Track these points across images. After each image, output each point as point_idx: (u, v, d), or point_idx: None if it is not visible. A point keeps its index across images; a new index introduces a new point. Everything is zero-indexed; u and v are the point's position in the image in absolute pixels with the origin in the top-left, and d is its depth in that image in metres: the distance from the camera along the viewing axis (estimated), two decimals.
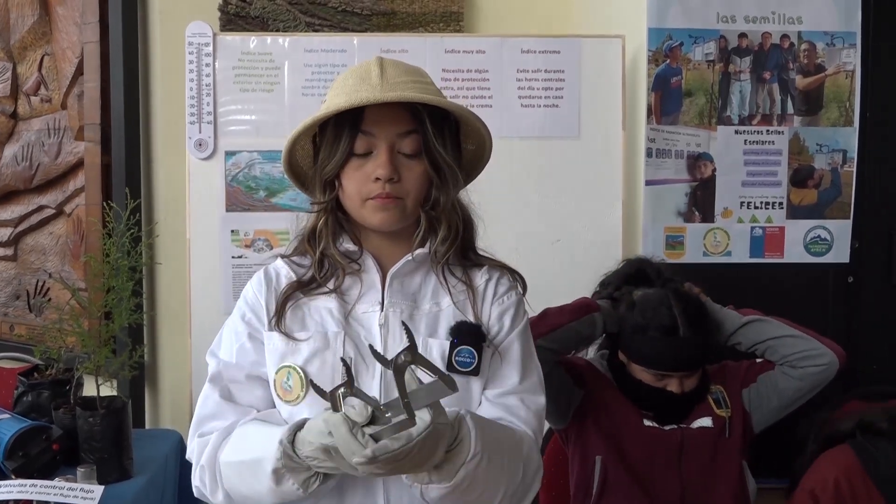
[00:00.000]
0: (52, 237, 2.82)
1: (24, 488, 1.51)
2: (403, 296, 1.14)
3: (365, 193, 1.09)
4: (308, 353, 1.11)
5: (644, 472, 1.72)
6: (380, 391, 1.10)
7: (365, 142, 1.08)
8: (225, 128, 2.27)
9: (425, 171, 1.10)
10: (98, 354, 1.73)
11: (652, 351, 1.72)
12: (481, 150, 1.20)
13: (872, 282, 2.42)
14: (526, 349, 1.18)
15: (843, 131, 2.35)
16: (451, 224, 1.14)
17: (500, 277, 1.20)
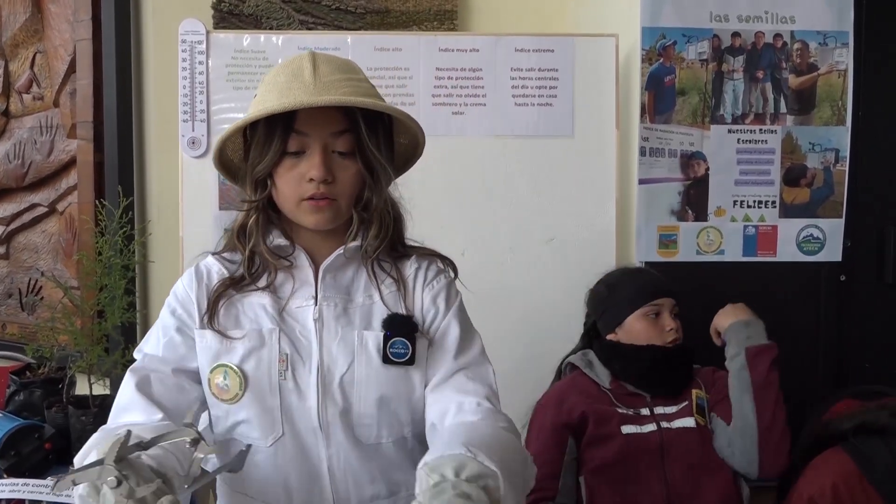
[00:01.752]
0: (45, 235, 2.80)
1: (17, 487, 1.50)
2: (336, 289, 1.15)
3: (299, 193, 1.09)
4: (244, 352, 1.11)
5: (628, 478, 1.72)
6: (317, 386, 1.12)
7: (298, 141, 1.08)
8: (218, 126, 2.26)
9: (359, 170, 1.11)
10: (91, 353, 1.73)
11: (634, 289, 1.87)
12: (414, 143, 1.20)
13: (864, 280, 2.44)
14: (464, 325, 1.20)
15: (835, 130, 2.36)
16: (383, 222, 1.15)
17: (430, 265, 1.22)
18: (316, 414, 1.12)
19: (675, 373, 1.84)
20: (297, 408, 1.12)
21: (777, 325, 2.41)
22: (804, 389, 2.35)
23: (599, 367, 1.85)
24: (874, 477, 1.54)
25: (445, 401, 1.14)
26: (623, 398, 1.79)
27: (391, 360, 1.13)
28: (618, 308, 1.88)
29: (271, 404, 1.12)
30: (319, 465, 1.13)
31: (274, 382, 1.12)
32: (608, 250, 2.31)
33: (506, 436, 1.06)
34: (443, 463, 0.94)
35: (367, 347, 1.13)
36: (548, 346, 2.07)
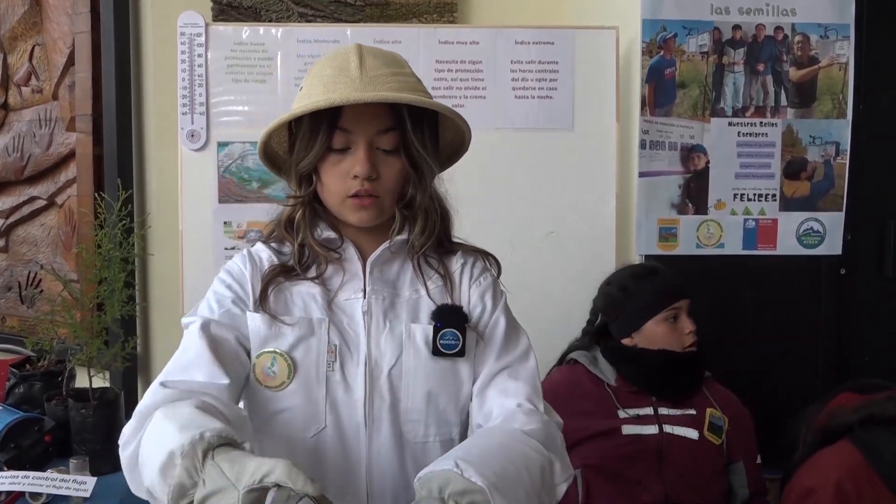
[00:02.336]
0: (44, 228, 2.80)
1: (17, 480, 1.51)
2: (384, 283, 1.14)
3: (344, 190, 1.08)
4: (293, 339, 1.10)
5: (626, 477, 1.72)
6: (364, 379, 1.10)
7: (343, 138, 1.07)
8: (217, 118, 2.26)
9: (403, 167, 1.09)
10: (90, 346, 1.73)
11: (655, 293, 1.84)
12: (459, 139, 1.19)
13: (864, 274, 2.43)
14: (510, 323, 1.19)
15: (836, 123, 2.35)
16: (429, 218, 1.14)
17: (475, 262, 1.20)
18: (362, 407, 1.11)
19: (686, 379, 1.83)
20: (342, 401, 1.10)
21: (777, 319, 2.41)
22: (804, 383, 2.36)
23: (605, 364, 1.84)
24: (882, 468, 1.51)
25: (489, 403, 1.13)
26: (626, 396, 1.79)
27: (441, 352, 1.11)
28: (636, 314, 1.85)
29: (317, 395, 1.10)
30: (358, 462, 1.11)
31: (322, 373, 1.10)
32: (608, 243, 2.31)
33: (517, 447, 1.03)
34: (431, 478, 0.93)
35: (415, 340, 1.12)
36: (547, 339, 2.06)
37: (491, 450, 1.01)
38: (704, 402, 1.81)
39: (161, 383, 1.04)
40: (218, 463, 0.80)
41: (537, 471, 1.01)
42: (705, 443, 1.75)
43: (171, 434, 0.86)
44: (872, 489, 1.51)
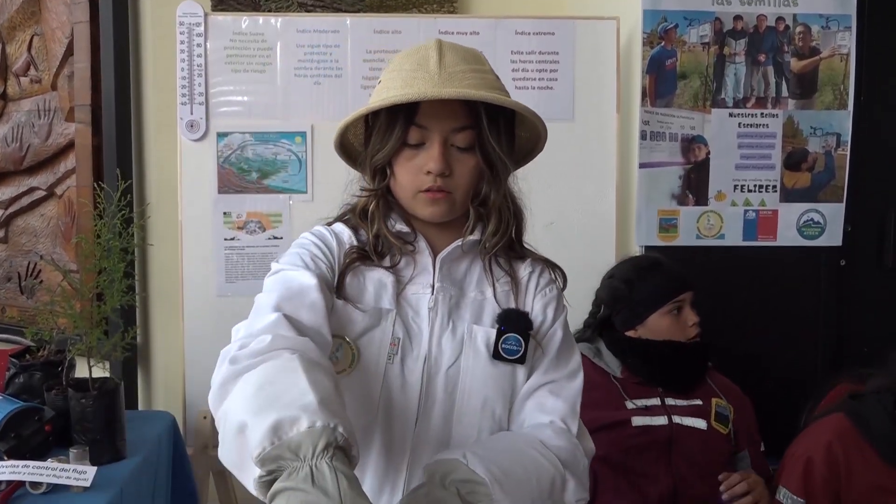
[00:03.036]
0: (44, 219, 2.80)
1: (17, 469, 1.50)
2: (452, 281, 1.13)
3: (417, 185, 1.07)
4: (362, 328, 1.08)
5: (634, 469, 1.72)
6: (422, 375, 1.09)
7: (418, 133, 1.06)
8: (217, 109, 2.26)
9: (478, 165, 1.08)
10: (90, 336, 1.73)
11: (659, 286, 1.84)
12: (535, 137, 1.16)
13: (864, 265, 2.43)
14: (566, 339, 1.18)
15: (837, 115, 2.35)
16: (503, 217, 1.12)
17: (542, 271, 1.19)
18: (416, 403, 1.09)
19: (691, 369, 1.83)
20: (397, 395, 1.09)
21: (777, 310, 2.41)
22: (803, 373, 2.36)
23: (609, 356, 1.84)
24: (869, 432, 1.62)
25: (524, 414, 1.12)
26: (633, 388, 1.79)
27: (502, 357, 1.10)
28: (640, 307, 1.85)
29: (373, 386, 1.08)
30: (401, 456, 1.09)
31: (381, 365, 1.08)
32: (608, 234, 2.31)
33: (530, 453, 1.03)
34: (437, 466, 0.94)
35: (476, 342, 1.11)
36: None
37: (503, 449, 1.02)
38: (709, 391, 1.82)
39: (276, 307, 0.98)
40: (337, 469, 0.74)
41: (547, 480, 1.01)
42: (713, 432, 1.76)
43: (306, 397, 0.79)
44: (860, 452, 1.62)
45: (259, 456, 0.75)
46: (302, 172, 2.27)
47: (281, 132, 2.27)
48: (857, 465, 1.63)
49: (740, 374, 1.99)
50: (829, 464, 1.63)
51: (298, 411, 0.76)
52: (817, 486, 1.64)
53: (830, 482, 1.63)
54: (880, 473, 1.62)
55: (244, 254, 2.27)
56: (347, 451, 0.78)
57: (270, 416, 0.76)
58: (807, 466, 1.65)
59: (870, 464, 1.62)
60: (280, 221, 2.27)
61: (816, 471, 1.64)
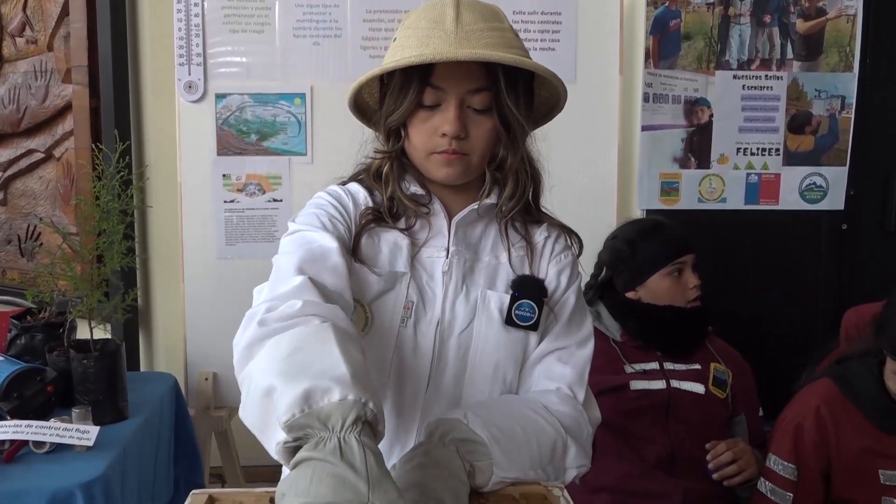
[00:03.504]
0: (42, 182, 2.78)
1: (20, 429, 1.52)
2: (466, 245, 1.12)
3: (431, 147, 1.05)
4: (377, 292, 1.07)
5: (633, 432, 1.73)
6: (434, 339, 1.08)
7: (433, 95, 1.03)
8: (215, 70, 2.23)
9: (494, 127, 1.05)
10: (90, 297, 1.73)
11: (661, 247, 1.84)
12: (555, 97, 1.13)
13: (866, 229, 2.43)
14: (578, 307, 1.16)
15: (842, 77, 2.32)
16: (519, 181, 1.09)
17: (558, 237, 1.17)
18: (428, 367, 1.08)
19: (691, 333, 1.83)
20: (409, 358, 1.08)
21: (778, 273, 2.42)
22: (803, 337, 2.37)
23: (609, 320, 1.84)
24: (855, 396, 1.66)
25: (532, 380, 1.12)
26: (632, 352, 1.79)
27: (515, 323, 1.09)
28: (641, 267, 1.85)
29: (386, 349, 1.07)
30: (412, 419, 1.09)
31: (394, 328, 1.07)
32: (609, 197, 2.30)
33: (532, 416, 1.03)
34: (438, 424, 0.94)
35: (489, 307, 1.09)
36: None
37: (504, 411, 1.02)
38: (708, 356, 1.82)
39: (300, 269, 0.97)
40: (365, 444, 0.72)
41: (548, 444, 1.01)
42: (711, 397, 1.77)
43: (339, 369, 0.78)
44: (848, 416, 1.65)
45: (287, 422, 0.74)
46: (301, 134, 2.25)
47: (280, 93, 2.24)
48: (846, 428, 1.65)
49: (740, 338, 2.00)
50: (819, 428, 1.65)
51: (331, 382, 0.75)
52: (808, 451, 1.65)
53: (820, 447, 1.65)
54: (868, 436, 1.64)
55: (244, 216, 2.26)
56: (374, 427, 0.77)
57: (302, 383, 0.75)
58: (797, 432, 1.67)
59: (857, 427, 1.65)
60: (280, 184, 2.26)
61: (806, 436, 1.65)
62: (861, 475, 1.63)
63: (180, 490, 1.95)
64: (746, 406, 1.85)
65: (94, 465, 1.48)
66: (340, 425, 0.73)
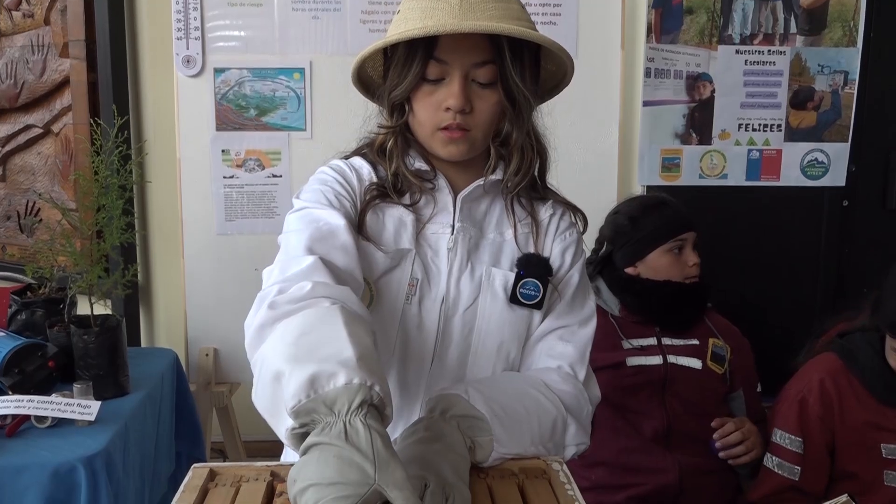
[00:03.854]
0: (41, 157, 2.77)
1: (22, 403, 1.52)
2: (472, 222, 1.11)
3: (435, 122, 1.04)
4: (382, 269, 1.06)
5: (630, 406, 1.74)
6: (439, 316, 1.08)
7: (438, 68, 1.01)
8: (213, 44, 2.21)
9: (499, 101, 1.03)
10: (90, 273, 1.73)
11: (662, 223, 1.83)
12: (562, 70, 1.11)
13: (867, 206, 2.43)
14: (581, 285, 1.16)
15: (845, 52, 2.30)
16: (525, 156, 1.08)
17: (563, 214, 1.16)
18: (432, 344, 1.08)
19: (690, 310, 1.83)
20: (413, 335, 1.08)
21: (778, 250, 2.41)
22: (803, 313, 2.37)
23: (608, 294, 1.84)
24: (858, 369, 1.67)
25: (533, 357, 1.12)
26: (630, 327, 1.79)
27: (519, 301, 1.08)
28: (641, 243, 1.84)
29: (390, 326, 1.06)
30: (416, 396, 1.09)
31: (399, 305, 1.06)
32: (610, 173, 2.29)
33: (532, 394, 1.02)
34: (438, 400, 0.94)
35: (494, 285, 1.09)
36: None
37: (505, 388, 1.02)
38: (707, 332, 1.82)
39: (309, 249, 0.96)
40: (371, 427, 0.72)
41: (548, 421, 1.01)
42: (708, 372, 1.77)
43: (345, 352, 0.77)
44: (851, 389, 1.67)
45: (294, 408, 0.74)
46: (301, 110, 2.24)
47: (279, 68, 2.23)
48: (849, 401, 1.66)
49: (740, 313, 2.00)
50: (823, 401, 1.66)
51: (336, 366, 0.75)
52: (813, 423, 1.66)
53: (825, 419, 1.66)
54: (871, 410, 1.65)
55: (243, 192, 2.25)
56: (381, 410, 0.76)
57: (308, 368, 0.75)
58: (801, 406, 1.67)
59: (861, 400, 1.65)
60: (279, 159, 2.25)
61: (811, 409, 1.66)
62: (863, 449, 1.64)
63: (182, 464, 1.97)
64: (745, 382, 1.86)
65: (96, 439, 1.49)
66: (346, 409, 0.72)
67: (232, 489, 0.85)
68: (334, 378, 0.74)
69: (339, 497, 0.67)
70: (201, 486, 0.85)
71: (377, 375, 0.76)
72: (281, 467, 0.89)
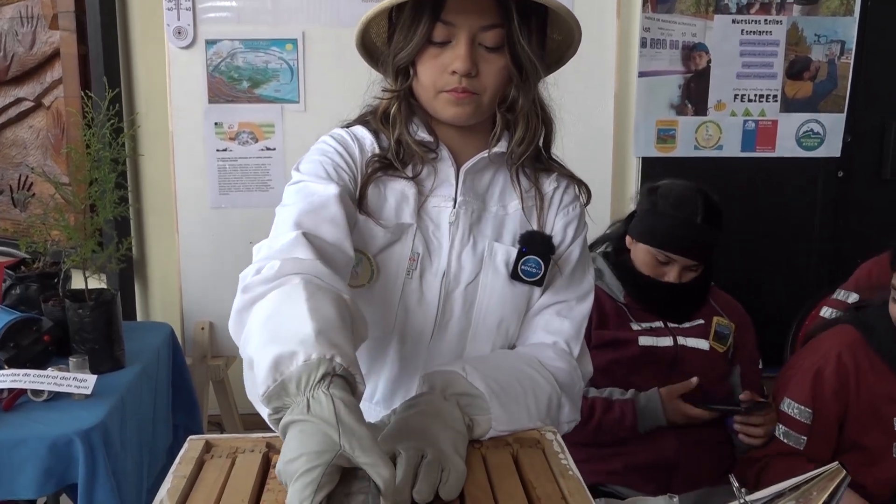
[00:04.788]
0: (32, 131, 2.75)
1: (18, 377, 1.52)
2: (475, 194, 1.09)
3: (440, 85, 1.02)
4: (382, 244, 1.06)
5: (633, 383, 1.73)
6: (440, 291, 1.07)
7: (444, 31, 0.99)
8: (204, 14, 2.19)
9: (506, 66, 1.01)
10: (84, 247, 1.72)
11: (663, 229, 1.71)
12: (569, 40, 1.09)
13: (862, 177, 2.43)
14: (582, 260, 1.15)
15: (842, 21, 2.29)
16: (530, 125, 1.06)
17: (567, 187, 1.15)
18: (433, 318, 1.07)
19: (689, 307, 1.79)
20: (414, 310, 1.07)
21: (773, 221, 2.42)
22: (798, 283, 2.38)
23: (612, 280, 1.80)
24: (877, 341, 1.63)
25: (529, 332, 1.12)
26: (637, 312, 1.77)
27: (521, 278, 1.07)
28: (642, 230, 1.77)
29: (391, 300, 1.06)
30: (414, 369, 1.09)
31: (400, 280, 1.06)
32: (606, 144, 2.28)
33: (528, 371, 1.02)
34: (435, 376, 0.94)
35: (495, 260, 1.08)
36: None
37: (502, 366, 1.02)
38: (711, 311, 1.81)
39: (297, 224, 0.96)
40: (333, 396, 0.72)
41: (544, 398, 1.01)
42: (712, 351, 1.77)
43: (304, 329, 0.77)
44: (869, 361, 1.63)
45: (264, 395, 0.75)
46: (294, 82, 2.22)
47: (271, 39, 2.20)
48: (866, 374, 1.63)
49: (735, 285, 2.01)
50: (839, 374, 1.63)
51: (296, 345, 0.75)
52: (826, 396, 1.64)
53: (839, 393, 1.63)
54: (887, 383, 1.63)
55: (237, 165, 2.24)
56: (350, 379, 0.76)
57: (272, 351, 0.76)
58: (816, 378, 1.65)
59: (878, 373, 1.63)
60: (273, 132, 2.24)
61: (826, 383, 1.64)
62: (876, 421, 1.63)
63: (179, 437, 1.98)
64: (747, 358, 1.85)
65: (93, 412, 1.50)
66: (308, 385, 0.73)
67: (228, 461, 0.85)
68: (294, 358, 0.74)
69: (308, 470, 0.68)
70: (197, 458, 0.85)
71: (337, 346, 0.76)
72: (276, 439, 0.89)
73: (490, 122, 1.08)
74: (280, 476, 0.71)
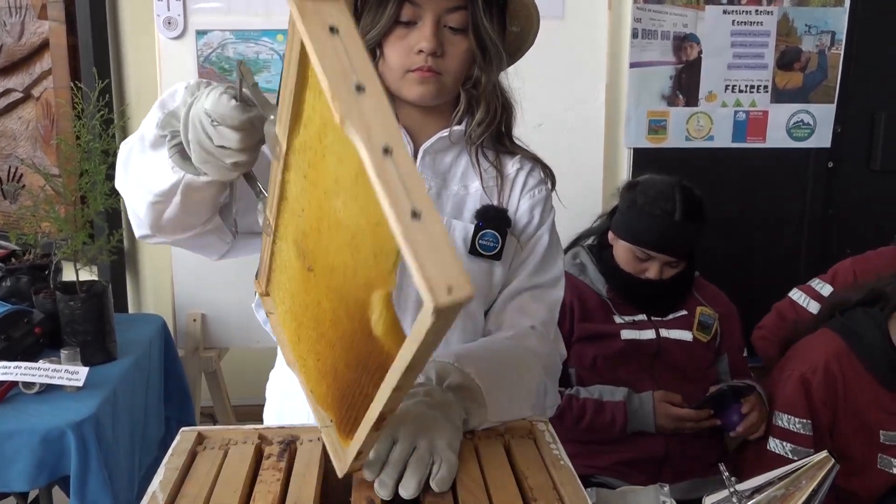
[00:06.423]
0: (22, 122, 2.73)
1: (9, 370, 1.52)
2: (434, 173, 1.11)
3: (406, 65, 1.04)
4: None
5: (619, 376, 1.74)
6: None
7: (411, 10, 1.03)
8: (194, 4, 2.17)
9: (470, 48, 1.05)
10: (75, 239, 1.71)
11: (642, 226, 1.72)
12: (526, 33, 1.13)
13: (852, 167, 2.44)
14: (552, 244, 1.17)
15: (833, 12, 2.29)
16: (490, 106, 1.09)
17: (532, 170, 1.16)
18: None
19: (671, 299, 1.80)
20: None
21: (763, 211, 2.43)
22: (788, 274, 2.39)
23: (595, 274, 1.81)
24: (862, 351, 1.63)
25: (506, 315, 1.13)
26: (619, 306, 1.78)
27: (479, 253, 1.09)
28: (623, 227, 1.77)
29: None
30: None
31: None
32: (597, 136, 2.28)
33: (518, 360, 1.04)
34: (429, 367, 0.95)
35: (454, 236, 1.09)
36: None
37: (493, 356, 1.02)
38: (695, 301, 1.82)
39: None
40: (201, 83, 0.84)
41: (534, 386, 1.03)
42: (696, 342, 1.78)
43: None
44: (854, 371, 1.63)
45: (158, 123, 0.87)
46: None
47: (262, 30, 2.20)
48: (853, 384, 1.63)
49: (725, 275, 2.02)
50: (827, 384, 1.63)
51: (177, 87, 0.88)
52: (817, 406, 1.64)
53: (828, 402, 1.63)
54: (873, 393, 1.63)
55: None
56: None
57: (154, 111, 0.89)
58: (805, 388, 1.64)
59: (864, 383, 1.63)
60: None
61: (815, 392, 1.63)
62: (862, 432, 1.63)
63: (172, 429, 1.98)
64: (732, 347, 1.87)
65: (85, 404, 1.50)
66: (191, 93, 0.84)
67: (220, 452, 0.86)
68: (174, 94, 0.88)
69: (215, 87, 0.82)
70: (190, 450, 0.85)
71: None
72: (269, 430, 0.90)
73: (452, 104, 1.11)
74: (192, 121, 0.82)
